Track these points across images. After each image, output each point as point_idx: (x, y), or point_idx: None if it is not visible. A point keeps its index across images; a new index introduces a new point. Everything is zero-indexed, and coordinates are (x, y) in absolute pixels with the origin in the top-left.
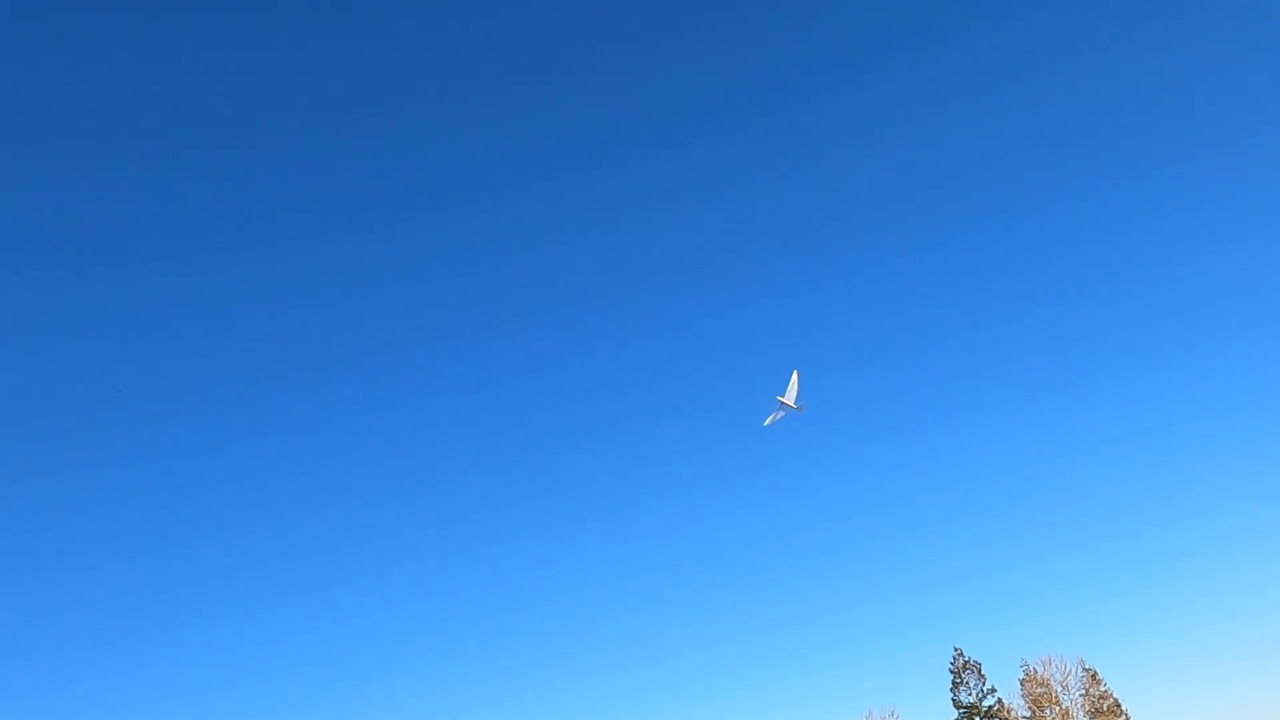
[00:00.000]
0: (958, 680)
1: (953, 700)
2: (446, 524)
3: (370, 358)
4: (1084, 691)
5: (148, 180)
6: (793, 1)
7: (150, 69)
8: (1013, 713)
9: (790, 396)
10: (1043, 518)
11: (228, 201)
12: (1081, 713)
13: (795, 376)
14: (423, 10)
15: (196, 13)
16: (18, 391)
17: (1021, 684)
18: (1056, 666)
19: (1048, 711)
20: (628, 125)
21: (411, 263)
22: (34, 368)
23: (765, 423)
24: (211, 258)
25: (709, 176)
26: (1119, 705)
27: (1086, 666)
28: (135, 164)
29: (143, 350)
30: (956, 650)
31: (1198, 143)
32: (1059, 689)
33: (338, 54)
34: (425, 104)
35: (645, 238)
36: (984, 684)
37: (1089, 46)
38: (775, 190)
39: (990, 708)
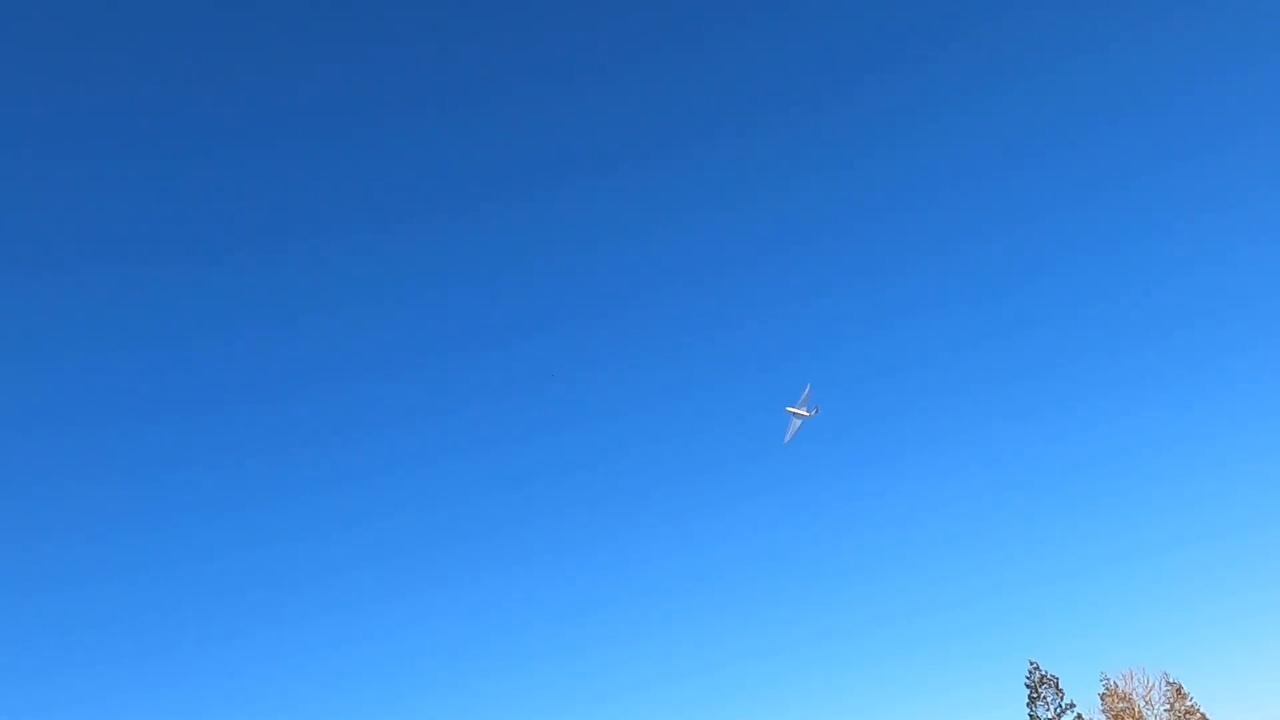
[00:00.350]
0: (1034, 695)
1: (1029, 716)
2: (454, 539)
3: (379, 367)
4: (1169, 707)
5: (161, 186)
6: (803, 4)
7: (158, 73)
8: None
9: (801, 406)
10: (1122, 521)
11: (238, 208)
12: None
13: (808, 390)
14: (432, 15)
15: (203, 15)
16: (22, 398)
17: (1102, 699)
18: (1139, 680)
19: None
20: (635, 131)
21: (415, 272)
22: (37, 375)
23: (785, 439)
24: (220, 265)
25: (719, 182)
26: None
27: (1171, 680)
28: (144, 169)
29: (151, 359)
30: (1032, 664)
31: (1214, 143)
32: (1142, 704)
33: (348, 59)
34: (433, 110)
35: (654, 244)
36: (1062, 699)
37: (1102, 48)
38: (784, 196)
39: None
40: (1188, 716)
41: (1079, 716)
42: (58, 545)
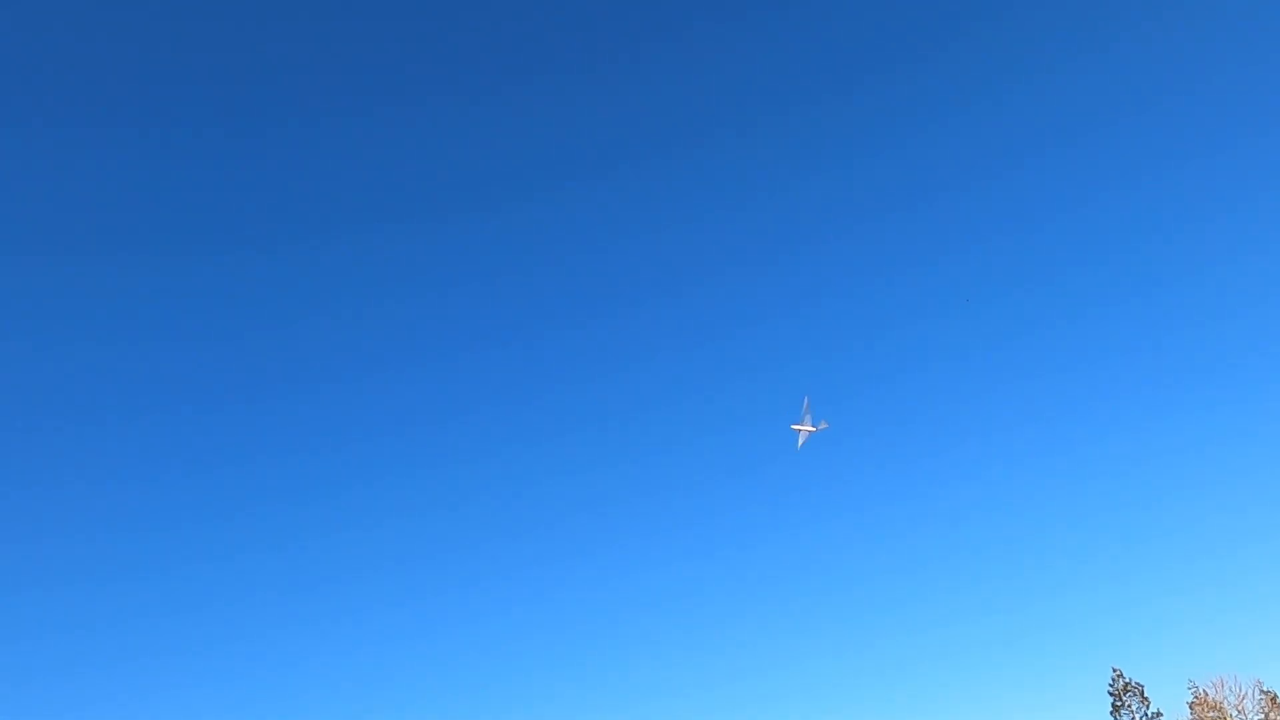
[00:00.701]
0: (1118, 703)
1: None
2: (453, 544)
3: (383, 367)
4: (1263, 716)
5: (162, 180)
6: (805, 3)
7: (159, 66)
8: None
9: (804, 422)
10: (1210, 517)
11: (241, 205)
12: None
13: (807, 403)
14: (437, 11)
15: (206, 8)
16: (20, 394)
17: (1190, 708)
18: (1230, 689)
19: None
20: (642, 130)
21: (417, 272)
22: (36, 371)
23: (799, 446)
24: (223, 262)
25: (728, 181)
26: None
27: (1265, 689)
28: (144, 163)
29: (151, 355)
30: (1116, 671)
31: (1224, 144)
32: (1234, 713)
33: (354, 52)
34: (439, 107)
35: (659, 245)
36: (1148, 708)
37: (1105, 47)
38: (790, 196)
39: None
40: None
41: None
42: (57, 544)
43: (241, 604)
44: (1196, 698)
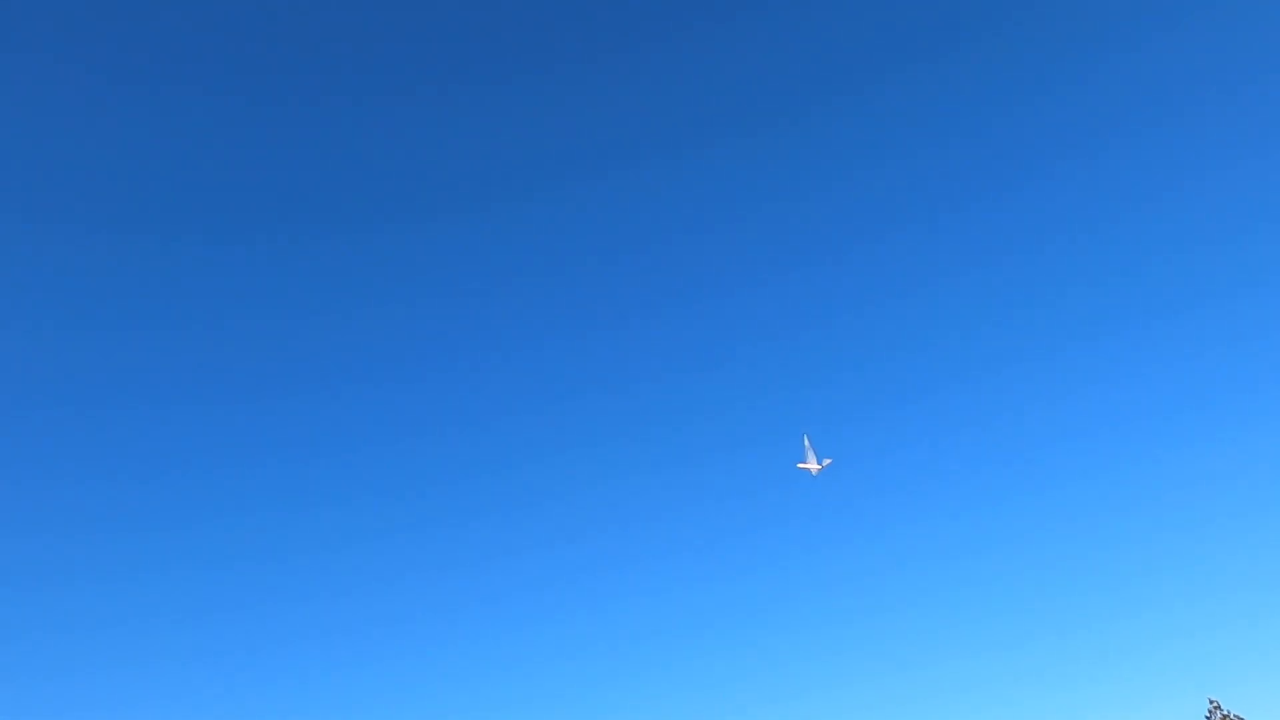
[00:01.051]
0: None
1: None
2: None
3: (377, 369)
4: None
5: (164, 171)
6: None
7: (156, 59)
8: None
9: (809, 460)
10: None
11: (242, 200)
12: None
13: (807, 441)
14: (442, 7)
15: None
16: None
17: None
18: None
19: None
20: (644, 130)
21: (420, 271)
22: (32, 367)
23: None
24: (220, 260)
25: (742, 182)
26: None
27: None
28: (146, 156)
29: (152, 355)
30: (1212, 703)
31: (1244, 150)
32: None
33: (353, 48)
34: (448, 102)
35: (665, 247)
36: None
37: (1138, 46)
38: (797, 200)
39: None
40: None
41: None
42: (56, 541)
43: (241, 605)
44: None
